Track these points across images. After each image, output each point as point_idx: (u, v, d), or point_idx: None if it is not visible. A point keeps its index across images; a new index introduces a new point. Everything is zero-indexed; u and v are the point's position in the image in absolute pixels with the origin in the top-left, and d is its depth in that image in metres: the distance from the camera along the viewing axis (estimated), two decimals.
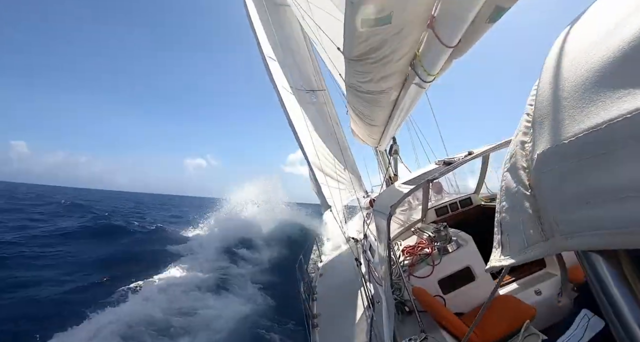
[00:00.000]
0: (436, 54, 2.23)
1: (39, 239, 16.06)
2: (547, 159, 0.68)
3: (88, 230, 19.11)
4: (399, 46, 2.19)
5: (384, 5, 1.74)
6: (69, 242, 16.25)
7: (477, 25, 2.04)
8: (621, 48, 0.55)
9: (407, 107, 3.41)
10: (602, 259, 0.66)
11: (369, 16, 1.80)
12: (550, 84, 0.71)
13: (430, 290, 3.38)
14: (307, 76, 8.56)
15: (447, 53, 2.22)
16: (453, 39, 2.07)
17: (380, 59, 2.30)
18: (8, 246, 14.19)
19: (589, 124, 0.58)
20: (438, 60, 2.29)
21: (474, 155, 3.42)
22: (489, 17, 2.04)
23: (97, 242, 16.70)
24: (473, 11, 1.86)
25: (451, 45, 2.11)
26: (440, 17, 2.04)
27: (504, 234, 0.87)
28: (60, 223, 21.26)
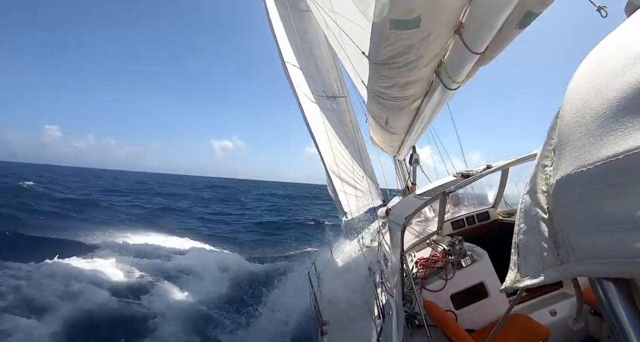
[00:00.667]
0: (462, 60, 2.20)
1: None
2: (566, 184, 0.69)
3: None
4: (426, 52, 2.16)
5: (414, 7, 1.72)
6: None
7: (506, 31, 2.00)
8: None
9: (429, 115, 3.38)
10: (613, 286, 0.66)
11: (398, 17, 1.78)
12: (573, 110, 0.72)
13: (441, 304, 3.33)
14: (329, 82, 8.58)
15: (474, 60, 2.18)
16: (480, 45, 2.03)
17: (407, 64, 2.27)
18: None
19: (607, 154, 0.58)
20: (464, 66, 2.26)
21: (493, 169, 3.39)
22: (518, 23, 2.01)
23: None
24: (502, 17, 1.83)
25: (478, 51, 2.07)
26: (468, 22, 2.01)
27: (520, 255, 0.88)
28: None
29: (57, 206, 23.94)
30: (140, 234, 17.55)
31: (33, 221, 18.19)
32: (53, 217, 20.00)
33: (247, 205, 39.72)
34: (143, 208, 29.02)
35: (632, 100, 0.56)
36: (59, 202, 25.73)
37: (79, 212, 22.59)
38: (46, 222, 18.50)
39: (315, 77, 8.05)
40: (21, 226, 16.43)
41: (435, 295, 3.48)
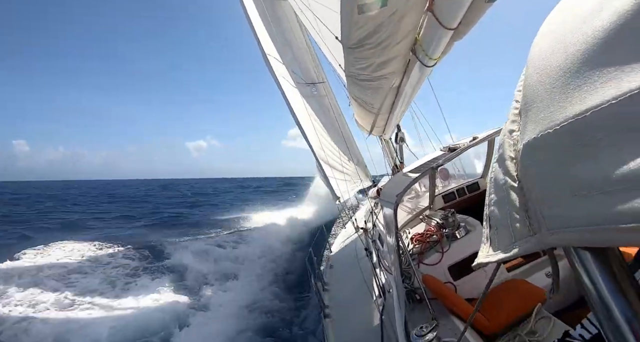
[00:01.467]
0: (437, 37, 2.20)
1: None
2: (533, 149, 0.65)
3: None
4: (396, 29, 2.16)
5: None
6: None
7: (476, 5, 2.00)
8: (605, 29, 0.52)
9: (410, 92, 3.39)
10: (589, 255, 0.64)
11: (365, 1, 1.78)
12: (536, 69, 0.68)
13: (440, 277, 3.38)
14: (307, 69, 8.53)
15: (448, 35, 2.18)
16: (453, 20, 2.03)
17: (378, 44, 2.27)
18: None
19: (573, 111, 0.54)
20: (439, 43, 2.26)
21: (479, 140, 3.41)
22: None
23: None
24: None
25: (451, 27, 2.08)
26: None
27: (492, 228, 0.85)
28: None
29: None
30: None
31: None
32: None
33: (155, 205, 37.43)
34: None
35: (595, 53, 0.53)
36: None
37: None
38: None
39: (292, 65, 7.99)
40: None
41: (433, 268, 3.53)
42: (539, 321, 2.83)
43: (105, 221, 24.91)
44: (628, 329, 0.60)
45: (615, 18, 0.51)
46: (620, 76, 0.49)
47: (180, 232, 18.96)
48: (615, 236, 0.50)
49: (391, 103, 3.83)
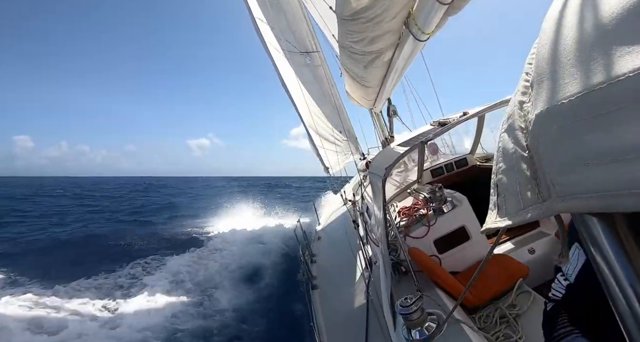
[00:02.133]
0: (431, 11, 2.16)
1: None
2: (546, 119, 0.66)
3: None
4: (392, 4, 2.12)
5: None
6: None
7: None
8: (624, 3, 0.52)
9: (401, 67, 3.35)
10: (597, 221, 0.65)
11: None
12: (551, 41, 0.69)
13: (426, 250, 3.45)
14: (301, 37, 8.34)
15: (442, 10, 2.15)
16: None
17: (373, 18, 2.23)
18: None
19: (589, 83, 0.56)
20: (433, 17, 2.22)
21: (469, 116, 3.41)
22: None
23: None
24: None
25: (446, 2, 2.05)
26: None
27: (500, 195, 0.87)
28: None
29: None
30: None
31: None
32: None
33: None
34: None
35: (613, 26, 0.54)
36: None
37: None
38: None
39: (286, 33, 7.81)
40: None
41: (419, 242, 3.60)
42: (520, 295, 2.93)
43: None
44: (633, 294, 0.62)
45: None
46: (637, 50, 0.50)
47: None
48: (624, 201, 0.53)
49: (382, 76, 3.79)
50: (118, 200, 38.75)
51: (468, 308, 2.85)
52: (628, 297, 0.62)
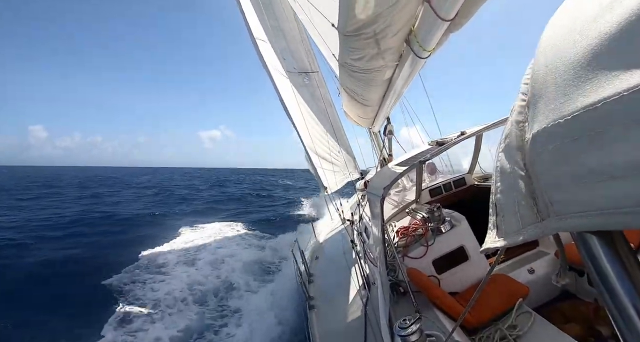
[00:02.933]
0: (432, 28, 2.18)
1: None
2: (542, 138, 0.67)
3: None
4: (394, 20, 2.14)
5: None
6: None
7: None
8: (618, 24, 0.53)
9: (401, 85, 3.38)
10: (596, 239, 0.66)
11: None
12: (546, 62, 0.69)
13: (424, 270, 3.41)
14: (300, 58, 8.45)
15: (444, 27, 2.16)
16: (450, 11, 2.02)
17: (375, 35, 2.25)
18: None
19: (584, 103, 0.56)
20: (434, 34, 2.24)
21: (467, 135, 3.42)
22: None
23: None
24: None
25: (448, 18, 2.06)
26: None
27: (499, 215, 0.87)
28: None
29: None
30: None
31: None
32: None
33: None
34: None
35: (607, 47, 0.54)
36: None
37: None
38: None
39: (285, 53, 7.91)
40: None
41: (418, 262, 3.56)
42: (520, 316, 2.88)
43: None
44: (634, 312, 0.61)
45: (627, 14, 0.52)
46: (632, 69, 0.50)
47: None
48: (622, 218, 0.53)
49: (382, 95, 3.81)
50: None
51: (467, 329, 2.80)
52: (629, 316, 0.62)
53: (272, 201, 31.10)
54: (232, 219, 20.97)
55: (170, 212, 23.45)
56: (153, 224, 18.93)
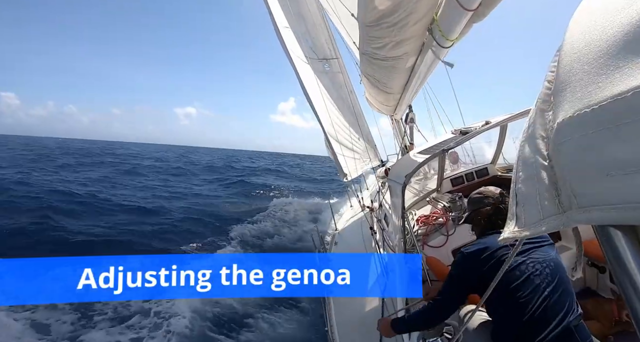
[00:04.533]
0: (455, 17, 2.15)
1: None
2: (568, 128, 0.64)
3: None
4: (415, 8, 2.11)
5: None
6: None
7: None
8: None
9: (424, 73, 3.34)
10: (620, 234, 0.63)
11: None
12: (574, 49, 0.67)
13: (444, 260, 3.40)
14: (320, 44, 8.37)
15: (467, 17, 2.13)
16: (473, 1, 1.98)
17: (396, 23, 2.22)
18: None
19: (613, 92, 0.54)
20: (457, 24, 2.21)
21: (491, 125, 3.36)
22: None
23: None
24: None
25: (471, 8, 2.02)
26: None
27: (519, 205, 0.84)
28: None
29: None
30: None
31: None
32: None
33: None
34: None
35: (636, 34, 0.53)
36: None
37: None
38: None
39: (305, 39, 7.84)
40: None
41: (437, 251, 3.55)
42: None
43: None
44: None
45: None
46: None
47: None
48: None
49: (404, 83, 3.77)
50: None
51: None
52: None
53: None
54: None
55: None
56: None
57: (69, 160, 35.92)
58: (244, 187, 25.21)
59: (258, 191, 23.77)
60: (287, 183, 29.00)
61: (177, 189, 22.67)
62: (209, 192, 22.58)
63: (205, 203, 18.60)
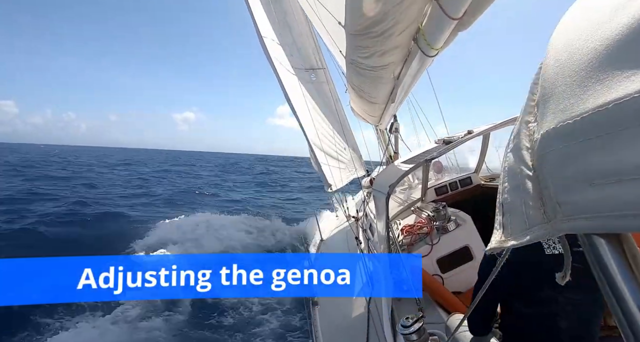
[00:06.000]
0: (440, 26, 2.17)
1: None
2: (551, 138, 0.66)
3: None
4: (402, 18, 2.13)
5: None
6: None
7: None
8: (631, 25, 0.52)
9: (409, 83, 3.37)
10: (604, 242, 0.64)
11: None
12: (556, 62, 0.68)
13: (428, 269, 3.41)
14: (307, 54, 8.41)
15: (452, 25, 2.15)
16: (458, 9, 2.01)
17: (382, 33, 2.24)
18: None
19: (595, 104, 0.55)
20: (442, 33, 2.23)
21: (474, 134, 3.40)
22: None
23: None
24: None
25: (456, 17, 2.05)
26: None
27: (505, 215, 0.85)
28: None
29: None
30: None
31: None
32: None
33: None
34: None
35: (619, 48, 0.54)
36: None
37: None
38: None
39: (292, 49, 7.88)
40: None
41: (422, 260, 3.55)
42: None
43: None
44: (639, 312, 0.60)
45: (638, 18, 0.51)
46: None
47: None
48: (631, 221, 0.52)
49: (389, 93, 3.80)
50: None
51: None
52: (635, 322, 0.61)
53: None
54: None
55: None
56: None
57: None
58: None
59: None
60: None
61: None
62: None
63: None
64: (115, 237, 12.58)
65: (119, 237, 12.64)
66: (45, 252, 10.63)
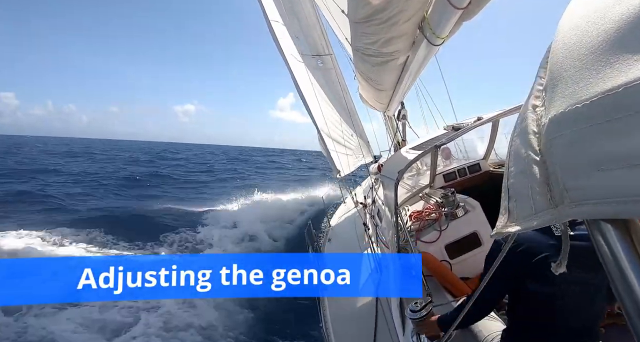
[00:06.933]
0: (445, 15, 2.15)
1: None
2: (559, 123, 0.65)
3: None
4: (406, 6, 2.12)
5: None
6: None
7: None
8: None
9: (415, 70, 3.34)
10: (611, 228, 0.63)
11: None
12: (565, 45, 0.67)
13: (436, 255, 3.42)
14: (313, 40, 8.34)
15: (457, 15, 2.13)
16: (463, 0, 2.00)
17: (386, 21, 2.23)
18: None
19: (604, 87, 0.54)
20: (447, 22, 2.21)
21: (483, 121, 3.37)
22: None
23: None
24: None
25: (461, 6, 2.03)
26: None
27: (511, 199, 0.84)
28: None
29: None
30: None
31: None
32: None
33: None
34: None
35: (630, 30, 0.53)
36: None
37: None
38: None
39: (298, 36, 7.81)
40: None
41: (430, 246, 3.56)
42: None
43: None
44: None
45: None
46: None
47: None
48: (638, 207, 0.52)
49: (396, 80, 3.78)
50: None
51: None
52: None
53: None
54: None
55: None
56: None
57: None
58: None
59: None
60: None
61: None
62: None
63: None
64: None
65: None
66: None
